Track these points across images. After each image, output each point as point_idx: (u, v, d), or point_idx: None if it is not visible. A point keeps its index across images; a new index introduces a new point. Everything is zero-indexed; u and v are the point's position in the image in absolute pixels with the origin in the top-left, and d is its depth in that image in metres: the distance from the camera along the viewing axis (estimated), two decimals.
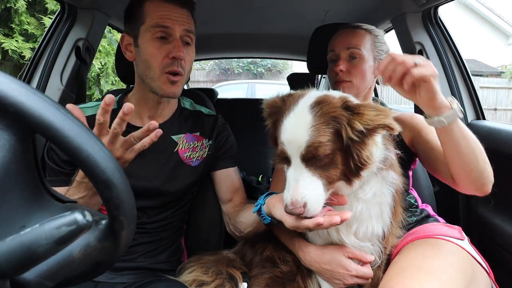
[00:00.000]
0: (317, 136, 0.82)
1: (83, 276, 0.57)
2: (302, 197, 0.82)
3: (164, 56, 1.10)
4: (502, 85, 13.10)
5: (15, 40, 5.17)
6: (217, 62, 14.28)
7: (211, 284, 1.09)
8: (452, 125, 0.92)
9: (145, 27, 1.11)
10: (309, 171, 0.84)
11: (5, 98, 0.42)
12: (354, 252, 1.00)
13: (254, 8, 2.01)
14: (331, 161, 0.84)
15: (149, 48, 1.10)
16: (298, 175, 0.84)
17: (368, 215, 0.96)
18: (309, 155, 0.83)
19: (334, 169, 0.85)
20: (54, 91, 1.62)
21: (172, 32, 1.11)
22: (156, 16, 1.10)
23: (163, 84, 1.12)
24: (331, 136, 0.82)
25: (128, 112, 0.80)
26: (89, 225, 0.40)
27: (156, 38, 1.10)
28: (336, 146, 0.83)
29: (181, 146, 1.26)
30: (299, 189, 0.83)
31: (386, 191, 0.97)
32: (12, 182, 0.46)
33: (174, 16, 1.11)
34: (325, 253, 1.01)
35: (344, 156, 0.85)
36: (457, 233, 1.14)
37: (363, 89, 1.32)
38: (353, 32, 1.33)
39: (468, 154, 0.97)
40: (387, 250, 1.08)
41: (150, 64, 1.11)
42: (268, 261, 1.13)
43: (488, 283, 1.05)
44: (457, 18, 13.65)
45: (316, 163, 0.84)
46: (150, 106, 1.22)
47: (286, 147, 0.86)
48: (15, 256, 0.37)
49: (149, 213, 1.23)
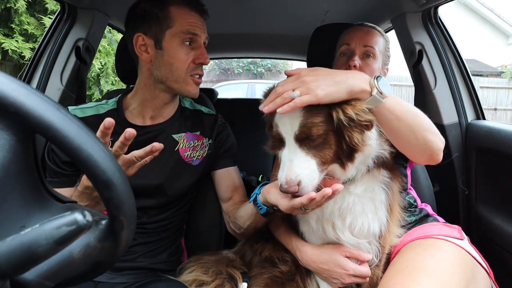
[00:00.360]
0: (310, 117, 0.85)
1: (83, 276, 0.57)
2: (296, 176, 0.84)
3: (190, 61, 1.17)
4: (502, 85, 13.10)
5: (15, 40, 5.16)
6: (217, 62, 14.27)
7: (211, 284, 1.09)
8: (379, 109, 0.89)
9: (173, 32, 1.14)
10: (303, 151, 0.86)
11: (5, 98, 0.42)
12: (352, 251, 1.00)
13: (254, 8, 2.01)
14: (324, 141, 0.87)
15: (178, 53, 1.15)
16: (292, 155, 0.87)
17: (362, 209, 0.97)
18: (302, 135, 0.85)
19: (328, 149, 0.87)
20: (54, 91, 1.63)
21: (199, 40, 1.18)
22: (186, 23, 1.15)
23: (189, 86, 1.19)
24: (324, 117, 0.85)
25: (129, 136, 0.81)
26: (89, 225, 0.40)
27: (184, 43, 1.16)
28: (328, 127, 0.86)
29: (182, 145, 1.26)
30: (293, 168, 0.85)
31: (378, 188, 0.99)
32: (12, 182, 0.46)
33: (200, 24, 1.19)
34: (322, 252, 1.02)
35: (337, 138, 0.87)
36: (457, 233, 1.14)
37: None
38: (370, 31, 1.33)
39: (405, 132, 0.94)
40: (386, 249, 1.08)
41: (176, 67, 1.15)
42: (267, 261, 1.14)
43: (488, 283, 1.05)
44: (457, 18, 13.65)
45: (310, 143, 0.86)
46: (155, 106, 1.23)
47: (281, 129, 0.89)
48: (15, 256, 0.37)
49: (149, 213, 1.23)
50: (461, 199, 1.60)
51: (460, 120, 1.61)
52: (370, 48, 1.28)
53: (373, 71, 1.29)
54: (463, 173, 1.59)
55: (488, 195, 1.50)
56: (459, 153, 1.60)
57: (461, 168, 1.59)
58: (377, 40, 1.31)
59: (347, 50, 1.32)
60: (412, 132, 0.94)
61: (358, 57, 1.28)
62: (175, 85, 1.18)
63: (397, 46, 1.79)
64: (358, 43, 1.30)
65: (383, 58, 1.33)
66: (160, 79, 1.17)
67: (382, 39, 1.33)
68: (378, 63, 1.30)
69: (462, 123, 1.61)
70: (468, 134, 1.59)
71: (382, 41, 1.33)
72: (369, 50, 1.29)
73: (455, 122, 1.61)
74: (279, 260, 1.13)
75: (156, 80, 1.18)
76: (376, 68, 1.29)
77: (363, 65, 1.28)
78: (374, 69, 1.29)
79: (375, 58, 1.29)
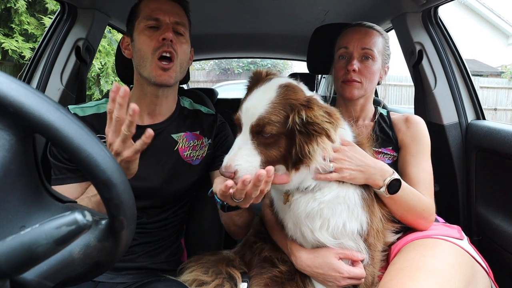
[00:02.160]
0: (269, 113, 0.86)
1: (83, 276, 0.57)
2: (236, 165, 0.85)
3: (155, 41, 1.15)
4: (502, 85, 13.11)
5: (15, 40, 5.17)
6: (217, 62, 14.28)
7: (211, 284, 1.09)
8: (383, 197, 1.07)
9: (139, 21, 1.18)
10: (253, 144, 0.88)
11: (5, 98, 0.42)
12: (345, 252, 1.01)
13: (254, 8, 2.01)
14: (275, 142, 0.88)
15: (141, 37, 1.16)
16: (243, 144, 0.89)
17: (332, 212, 0.97)
18: (257, 128, 0.87)
19: (276, 150, 0.89)
20: (54, 91, 1.62)
21: (163, 23, 1.17)
22: (148, 10, 1.17)
23: (154, 71, 1.15)
24: (282, 119, 0.86)
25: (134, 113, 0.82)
26: (89, 225, 0.40)
27: (147, 27, 1.16)
28: (283, 130, 0.87)
29: (181, 144, 1.26)
30: (237, 156, 0.87)
31: (352, 195, 0.99)
32: (12, 182, 0.46)
33: (164, 8, 1.18)
34: (316, 257, 1.02)
35: (289, 143, 0.88)
36: (457, 233, 1.14)
37: (369, 91, 1.32)
38: (369, 32, 1.31)
39: (399, 211, 1.11)
40: (378, 247, 1.07)
41: (143, 52, 1.15)
42: (267, 262, 1.14)
43: (487, 283, 1.05)
44: (457, 18, 13.65)
45: (261, 140, 0.88)
46: (148, 102, 1.23)
47: (242, 114, 0.90)
48: (15, 256, 0.37)
49: (149, 213, 1.23)
50: (461, 199, 1.60)
51: (460, 120, 1.61)
52: (369, 51, 1.28)
53: (372, 74, 1.28)
54: (463, 173, 1.59)
55: (488, 195, 1.50)
56: (459, 153, 1.59)
57: (461, 168, 1.60)
58: (375, 41, 1.30)
59: (345, 53, 1.32)
60: (406, 213, 1.12)
61: (356, 60, 1.28)
62: (145, 72, 1.16)
63: (397, 46, 1.79)
64: (356, 46, 1.29)
65: (382, 58, 1.32)
66: (138, 71, 1.19)
67: (380, 39, 1.32)
68: (377, 64, 1.29)
69: (462, 123, 1.61)
70: (468, 134, 1.59)
71: (380, 40, 1.32)
72: (367, 53, 1.28)
73: (455, 122, 1.61)
74: (278, 260, 1.14)
75: (140, 75, 1.20)
76: (375, 69, 1.29)
77: (362, 68, 1.28)
78: (373, 71, 1.28)
79: (374, 60, 1.28)
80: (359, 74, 1.27)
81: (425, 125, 1.28)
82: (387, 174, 1.03)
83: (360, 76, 1.27)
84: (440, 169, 1.35)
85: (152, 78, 1.15)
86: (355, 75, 1.27)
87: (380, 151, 1.27)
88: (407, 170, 1.22)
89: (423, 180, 1.19)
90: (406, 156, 1.25)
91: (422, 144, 1.24)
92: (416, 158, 1.22)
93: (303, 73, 2.95)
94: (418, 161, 1.21)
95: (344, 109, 1.36)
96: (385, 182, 1.02)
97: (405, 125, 1.29)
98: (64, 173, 1.11)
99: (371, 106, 1.39)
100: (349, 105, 1.35)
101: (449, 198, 1.63)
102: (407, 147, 1.26)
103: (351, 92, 1.28)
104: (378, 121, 1.35)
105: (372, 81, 1.29)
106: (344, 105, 1.37)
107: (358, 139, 1.09)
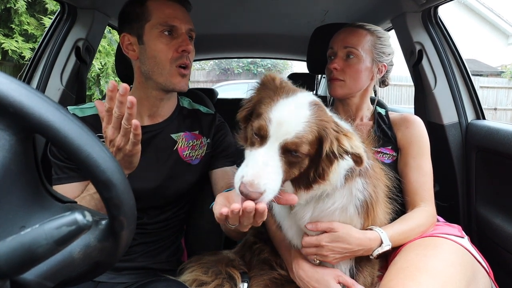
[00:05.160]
0: (307, 132, 0.79)
1: (83, 276, 0.57)
2: (264, 183, 0.74)
3: (173, 51, 1.14)
4: (502, 85, 13.10)
5: (15, 41, 5.17)
6: (217, 62, 14.27)
7: (211, 284, 1.09)
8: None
9: (151, 25, 1.15)
10: (280, 161, 0.78)
11: (5, 98, 0.42)
12: (346, 279, 1.01)
13: (254, 8, 2.01)
14: (300, 162, 0.82)
15: (158, 44, 1.14)
16: (270, 160, 0.77)
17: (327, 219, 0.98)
18: (292, 146, 0.78)
19: (297, 170, 0.83)
20: (54, 91, 1.62)
21: (179, 30, 1.17)
22: (163, 15, 1.15)
23: (173, 78, 1.16)
24: (314, 140, 0.80)
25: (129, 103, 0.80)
26: (89, 225, 0.40)
27: (163, 34, 1.15)
28: (312, 152, 0.81)
29: (181, 144, 1.26)
30: (265, 173, 0.75)
31: (351, 207, 0.97)
32: (12, 182, 0.46)
33: (180, 15, 1.18)
34: (316, 272, 1.03)
35: (310, 164, 0.84)
36: (457, 232, 1.14)
37: (356, 90, 1.31)
38: (353, 31, 1.32)
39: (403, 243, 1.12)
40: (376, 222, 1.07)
41: (159, 60, 1.14)
42: (266, 264, 1.15)
43: (487, 282, 1.05)
44: (457, 18, 13.64)
45: (289, 157, 0.79)
46: (150, 105, 1.22)
47: (272, 126, 0.78)
48: (15, 256, 0.37)
49: (150, 213, 1.23)
50: (461, 199, 1.60)
51: (460, 120, 1.61)
52: (351, 49, 1.28)
53: (356, 72, 1.28)
54: (463, 173, 1.59)
55: (488, 195, 1.50)
56: (459, 153, 1.60)
57: (461, 168, 1.60)
58: (361, 39, 1.29)
59: (332, 53, 1.34)
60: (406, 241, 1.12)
61: (339, 59, 1.29)
62: (160, 79, 1.16)
63: (397, 46, 1.79)
64: (340, 45, 1.31)
65: (372, 56, 1.30)
66: (148, 75, 1.18)
67: (368, 37, 1.31)
68: (363, 63, 1.28)
69: (462, 123, 1.61)
70: (468, 134, 1.59)
71: (368, 39, 1.30)
72: (350, 51, 1.28)
73: (455, 122, 1.61)
74: (277, 264, 1.15)
75: (146, 77, 1.19)
76: (360, 68, 1.28)
77: (345, 66, 1.28)
78: (357, 69, 1.28)
79: (358, 58, 1.28)
80: (342, 73, 1.28)
81: (423, 125, 1.28)
82: (374, 247, 1.01)
83: (343, 74, 1.28)
84: (440, 169, 1.35)
85: (170, 85, 1.17)
86: (337, 73, 1.29)
87: (379, 151, 1.27)
88: (408, 175, 1.22)
89: (424, 184, 1.20)
90: (407, 159, 1.25)
91: (422, 144, 1.24)
92: (416, 160, 1.22)
93: (303, 73, 2.96)
94: (418, 163, 1.22)
95: (340, 108, 1.38)
96: (374, 254, 1.02)
97: (404, 125, 1.29)
98: (66, 172, 1.10)
99: (368, 105, 1.39)
100: (344, 104, 1.37)
101: (449, 198, 1.63)
102: (407, 148, 1.26)
103: (334, 90, 1.31)
104: (377, 120, 1.35)
105: (357, 79, 1.29)
106: (341, 105, 1.39)
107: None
